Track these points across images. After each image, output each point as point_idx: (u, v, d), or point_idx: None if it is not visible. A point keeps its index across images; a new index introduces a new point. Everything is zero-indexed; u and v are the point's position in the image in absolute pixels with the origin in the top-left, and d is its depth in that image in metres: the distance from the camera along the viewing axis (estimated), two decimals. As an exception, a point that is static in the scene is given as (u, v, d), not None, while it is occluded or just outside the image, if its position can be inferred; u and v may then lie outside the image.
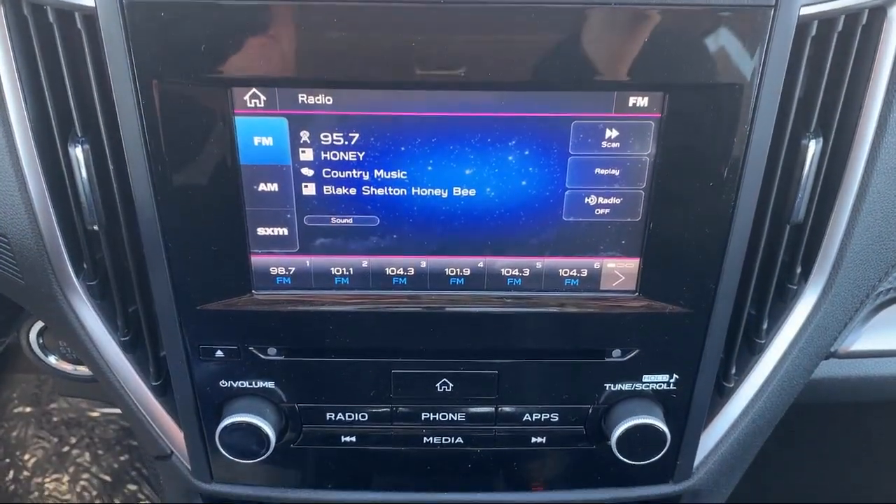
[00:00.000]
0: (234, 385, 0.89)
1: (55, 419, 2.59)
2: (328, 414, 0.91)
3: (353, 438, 0.93)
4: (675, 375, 0.88)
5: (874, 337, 1.07)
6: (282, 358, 0.87)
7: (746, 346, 0.94)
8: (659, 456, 0.90)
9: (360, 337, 0.86)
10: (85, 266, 0.88)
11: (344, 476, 0.97)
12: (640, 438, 0.88)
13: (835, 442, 1.62)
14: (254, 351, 0.87)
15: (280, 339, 0.86)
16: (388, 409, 0.91)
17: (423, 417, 0.92)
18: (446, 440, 0.93)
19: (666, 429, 0.88)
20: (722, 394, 0.95)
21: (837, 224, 0.86)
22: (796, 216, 0.83)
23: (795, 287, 0.91)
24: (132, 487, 2.49)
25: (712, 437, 0.97)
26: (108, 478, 2.50)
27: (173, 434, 0.97)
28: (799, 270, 0.90)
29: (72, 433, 2.57)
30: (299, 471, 0.97)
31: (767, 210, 0.82)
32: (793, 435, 1.28)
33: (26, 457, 2.48)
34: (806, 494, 1.67)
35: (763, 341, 0.93)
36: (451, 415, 0.91)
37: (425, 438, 0.93)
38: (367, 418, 0.92)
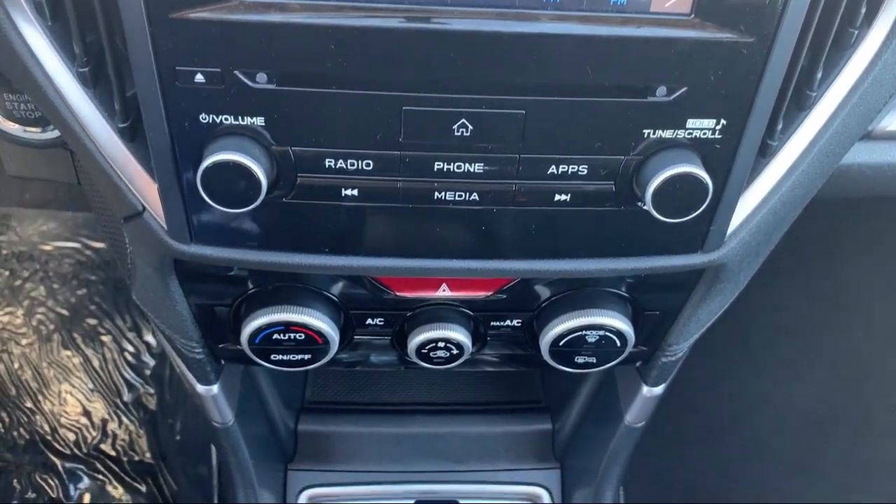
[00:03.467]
0: (218, 120, 0.76)
1: (5, 252, 2.46)
2: (327, 161, 0.79)
3: (355, 192, 0.82)
4: (722, 121, 0.78)
5: (914, 117, 1.00)
6: (273, 87, 0.74)
7: (795, 102, 0.84)
8: (698, 212, 0.81)
9: (365, 62, 0.73)
10: None
11: (342, 239, 0.87)
12: (680, 190, 0.79)
13: (845, 241, 1.60)
14: (240, 76, 0.73)
15: (271, 60, 0.72)
16: (397, 156, 0.80)
17: (435, 168, 0.80)
18: (460, 196, 0.83)
19: (709, 179, 0.78)
20: (764, 154, 0.86)
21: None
22: None
23: (857, 31, 0.81)
24: (91, 322, 2.40)
25: (750, 201, 0.88)
26: (65, 311, 2.40)
27: (145, 187, 0.84)
28: (863, 11, 0.79)
29: (24, 266, 2.44)
30: (291, 231, 0.86)
31: None
32: (805, 234, 1.22)
33: (-25, 290, 2.37)
34: (807, 293, 1.67)
35: (814, 94, 0.83)
36: (467, 165, 0.80)
37: (436, 194, 0.82)
38: (371, 167, 0.80)
